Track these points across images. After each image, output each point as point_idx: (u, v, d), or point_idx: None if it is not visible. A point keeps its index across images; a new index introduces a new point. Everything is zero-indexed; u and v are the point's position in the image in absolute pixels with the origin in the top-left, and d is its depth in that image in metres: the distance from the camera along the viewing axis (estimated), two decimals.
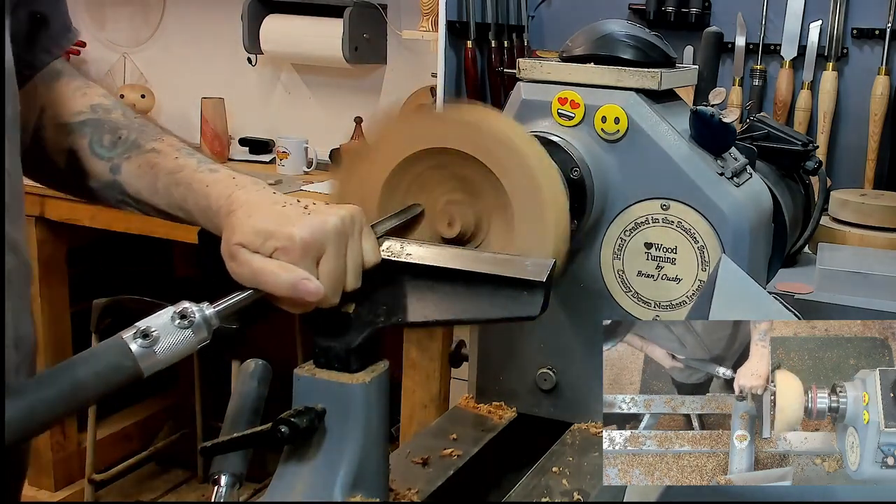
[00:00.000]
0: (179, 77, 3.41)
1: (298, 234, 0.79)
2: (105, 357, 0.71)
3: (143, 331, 0.72)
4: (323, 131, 3.16)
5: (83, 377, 0.69)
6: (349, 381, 0.81)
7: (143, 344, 0.71)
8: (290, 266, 0.79)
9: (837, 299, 1.48)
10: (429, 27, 2.80)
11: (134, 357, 0.71)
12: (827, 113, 2.46)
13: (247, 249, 0.80)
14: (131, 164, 0.92)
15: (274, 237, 0.79)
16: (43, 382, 0.69)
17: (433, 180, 0.97)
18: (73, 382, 0.69)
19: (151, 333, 0.72)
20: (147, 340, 0.71)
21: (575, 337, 1.14)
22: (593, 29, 1.14)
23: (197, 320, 0.74)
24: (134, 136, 0.93)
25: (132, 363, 0.71)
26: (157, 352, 0.72)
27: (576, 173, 1.05)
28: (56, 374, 0.70)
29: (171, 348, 0.73)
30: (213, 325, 0.76)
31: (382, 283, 0.85)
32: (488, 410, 1.18)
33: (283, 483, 0.82)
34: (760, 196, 1.16)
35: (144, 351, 0.71)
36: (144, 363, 0.71)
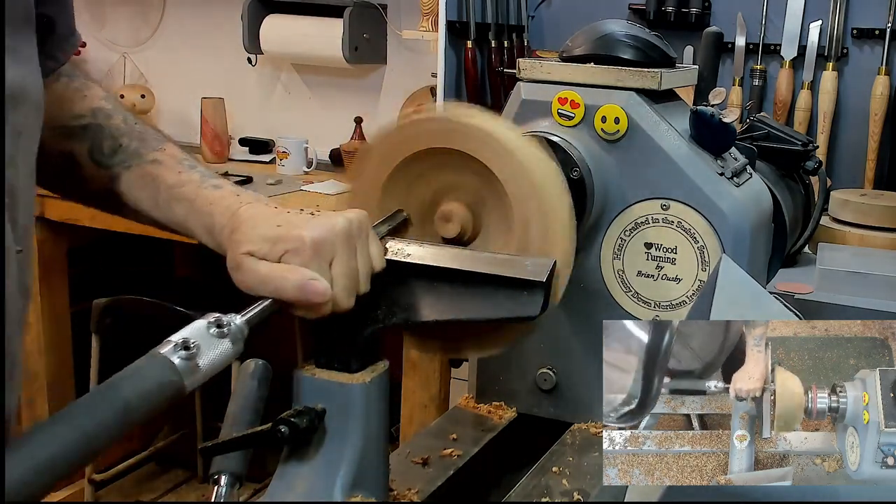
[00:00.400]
0: (179, 77, 3.41)
1: (308, 235, 0.78)
2: (150, 375, 0.68)
3: (183, 344, 0.69)
4: (323, 131, 3.16)
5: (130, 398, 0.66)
6: (349, 381, 0.81)
7: (184, 356, 0.69)
8: (296, 268, 0.78)
9: (837, 299, 1.48)
10: (429, 27, 2.80)
11: (179, 372, 0.68)
12: (827, 113, 2.46)
13: (253, 258, 0.79)
14: (132, 175, 0.90)
15: (283, 241, 0.78)
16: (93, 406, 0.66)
17: (433, 180, 0.97)
18: (124, 405, 0.66)
19: (192, 346, 0.69)
20: (189, 353, 0.69)
21: (575, 337, 1.14)
22: (593, 29, 1.14)
23: (234, 330, 0.73)
24: (135, 144, 0.92)
25: (178, 378, 0.68)
26: (200, 365, 0.70)
27: (576, 173, 1.05)
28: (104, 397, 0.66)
29: (212, 360, 0.71)
30: (245, 335, 0.74)
31: (382, 284, 0.85)
32: (488, 410, 1.18)
33: (283, 483, 0.82)
34: (760, 196, 1.17)
35: (187, 364, 0.69)
36: (188, 378, 0.69)
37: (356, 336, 0.83)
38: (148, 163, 0.91)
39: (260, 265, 0.78)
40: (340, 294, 0.79)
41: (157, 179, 0.89)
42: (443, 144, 0.94)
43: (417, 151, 0.95)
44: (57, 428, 0.63)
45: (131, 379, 0.67)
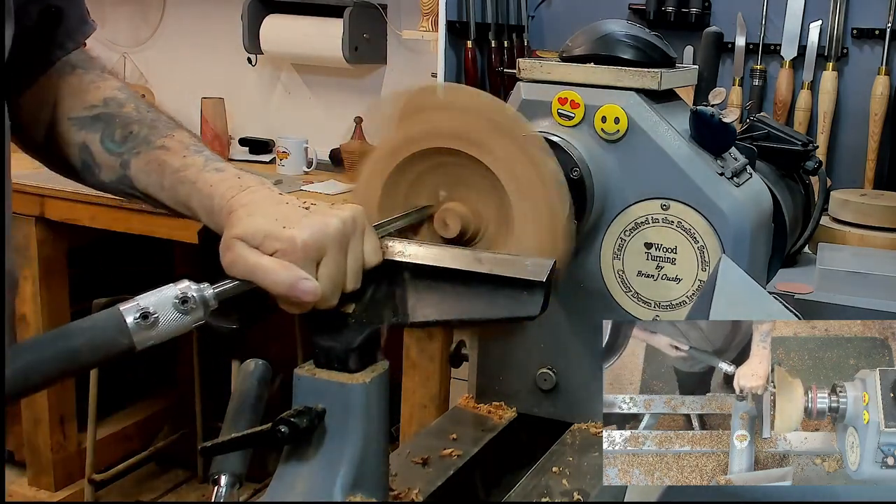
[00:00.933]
0: (179, 77, 3.41)
1: (300, 237, 0.78)
2: (102, 330, 0.72)
3: (143, 313, 0.72)
4: (323, 131, 3.16)
5: (78, 346, 0.70)
6: (349, 381, 0.81)
7: (141, 324, 0.72)
8: (289, 265, 0.78)
9: (837, 299, 1.48)
10: (429, 27, 2.80)
11: (130, 335, 0.72)
12: (827, 113, 2.46)
13: (245, 244, 0.79)
14: (140, 161, 0.92)
15: (275, 238, 0.79)
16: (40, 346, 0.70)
17: (433, 180, 0.97)
18: (69, 350, 0.70)
19: (150, 315, 0.72)
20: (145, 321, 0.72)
21: (575, 337, 1.14)
22: (593, 29, 1.14)
23: (196, 301, 0.75)
24: (145, 131, 0.94)
25: (128, 340, 0.72)
26: (153, 332, 0.73)
27: (576, 173, 1.05)
28: (53, 340, 0.71)
29: (167, 328, 0.73)
30: (212, 306, 0.76)
31: (383, 283, 0.85)
32: (488, 410, 1.18)
33: (283, 483, 0.82)
34: (760, 196, 1.17)
35: (140, 327, 0.72)
36: (138, 337, 0.72)
37: (356, 336, 0.83)
38: (156, 148, 0.92)
39: (250, 253, 0.79)
40: (322, 294, 0.80)
41: (164, 164, 0.91)
42: (443, 145, 0.94)
43: (417, 151, 0.95)
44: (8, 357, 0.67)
45: (84, 330, 0.71)
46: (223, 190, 0.86)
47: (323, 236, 0.79)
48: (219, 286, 0.77)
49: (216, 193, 0.86)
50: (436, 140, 0.95)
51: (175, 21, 3.45)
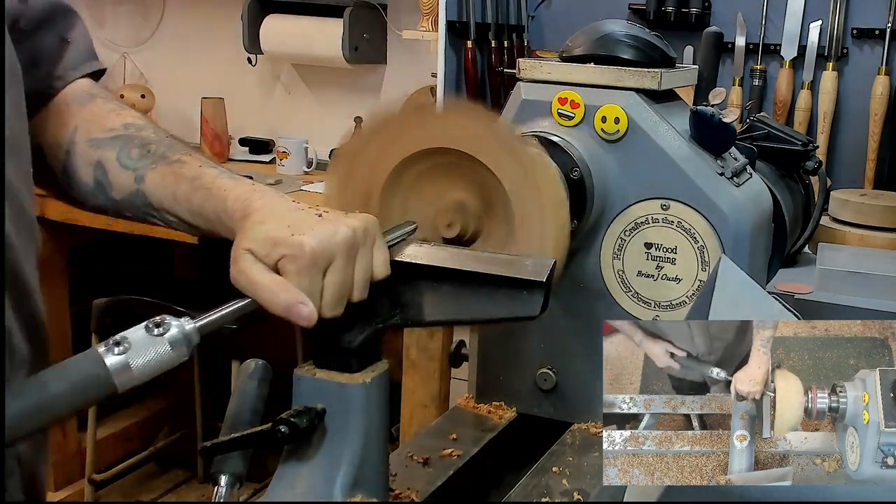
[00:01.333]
0: (179, 77, 3.41)
1: (308, 244, 0.78)
2: (78, 370, 0.69)
3: (115, 341, 0.70)
4: (323, 131, 3.16)
5: (55, 391, 0.67)
6: (349, 381, 0.81)
7: (118, 353, 0.69)
8: (289, 286, 0.77)
9: (837, 299, 1.48)
10: (429, 27, 2.80)
11: (108, 370, 0.69)
12: (827, 113, 2.46)
13: (252, 256, 0.79)
14: (156, 174, 0.93)
15: (283, 244, 0.78)
16: (11, 396, 0.67)
17: (433, 180, 0.97)
18: (44, 396, 0.67)
19: (124, 343, 0.70)
20: (120, 349, 0.69)
21: (575, 337, 1.14)
22: (593, 29, 1.14)
23: (173, 332, 0.72)
24: (162, 150, 0.94)
25: (106, 374, 0.69)
26: (132, 366, 0.70)
27: (576, 173, 1.05)
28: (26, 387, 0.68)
29: (147, 362, 0.71)
30: (194, 342, 0.74)
31: (383, 283, 0.85)
32: (488, 410, 1.18)
33: (283, 483, 0.82)
34: (760, 196, 1.17)
35: (119, 364, 0.69)
36: (119, 377, 0.69)
37: (356, 336, 0.83)
38: (172, 163, 0.93)
39: (254, 269, 0.78)
40: (328, 303, 0.79)
41: (179, 175, 0.91)
42: (443, 145, 0.94)
43: (417, 152, 0.95)
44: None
45: (60, 371, 0.69)
46: (238, 193, 0.86)
47: (332, 245, 0.78)
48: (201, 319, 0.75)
49: (230, 196, 0.86)
50: (435, 140, 0.95)
51: (175, 21, 3.45)
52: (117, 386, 0.70)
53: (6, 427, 0.66)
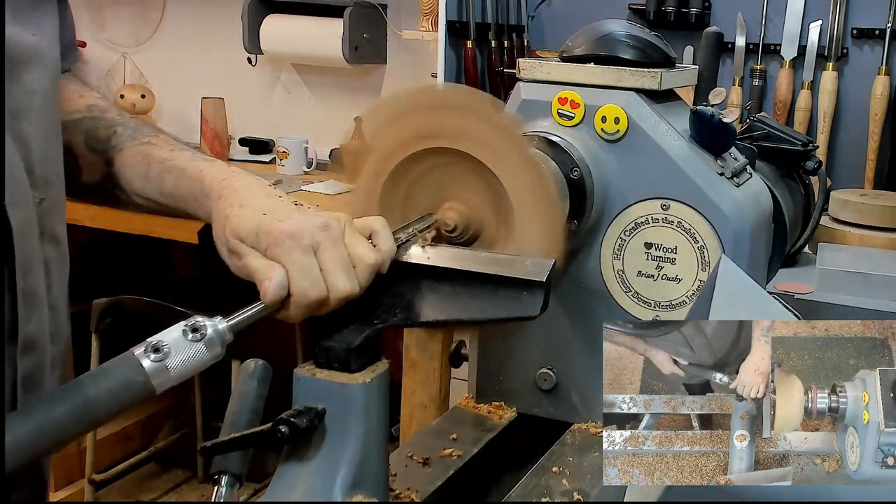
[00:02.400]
0: (179, 77, 3.41)
1: (285, 228, 0.80)
2: (116, 374, 0.70)
3: (154, 346, 0.71)
4: (323, 131, 3.16)
5: (94, 395, 0.68)
6: (349, 381, 0.81)
7: (155, 359, 0.70)
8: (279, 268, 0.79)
9: (837, 299, 1.48)
10: (429, 27, 2.80)
11: (146, 373, 0.70)
12: (827, 113, 2.46)
13: (245, 245, 0.81)
14: (125, 156, 0.93)
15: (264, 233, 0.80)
16: (53, 401, 0.67)
17: (433, 180, 0.97)
18: (84, 401, 0.68)
19: (163, 349, 0.71)
20: (158, 355, 0.70)
21: (575, 337, 1.14)
22: (593, 29, 1.14)
23: (209, 335, 0.73)
24: (129, 132, 0.95)
25: (144, 379, 0.70)
26: (169, 368, 0.71)
27: (576, 173, 1.05)
28: (66, 393, 0.68)
29: (184, 364, 0.72)
30: (228, 340, 0.75)
31: (382, 284, 0.85)
32: (488, 410, 1.18)
33: (283, 483, 0.82)
34: (760, 196, 1.16)
35: (156, 367, 0.70)
36: (157, 380, 0.71)
37: (356, 336, 0.83)
38: (141, 144, 0.93)
39: (250, 254, 0.80)
40: (336, 279, 0.80)
41: (150, 156, 0.92)
42: (443, 144, 0.94)
43: (417, 151, 0.95)
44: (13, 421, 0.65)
45: (98, 377, 0.69)
46: (214, 173, 0.88)
47: (309, 225, 0.80)
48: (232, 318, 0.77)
49: (206, 177, 0.87)
50: (435, 140, 0.95)
51: (175, 21, 3.45)
52: (155, 388, 0.71)
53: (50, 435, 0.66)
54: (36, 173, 0.82)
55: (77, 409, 0.67)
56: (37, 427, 0.65)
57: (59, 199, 0.86)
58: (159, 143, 0.94)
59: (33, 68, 0.82)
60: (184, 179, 0.89)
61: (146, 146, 0.93)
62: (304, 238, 0.79)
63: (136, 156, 0.93)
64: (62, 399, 0.67)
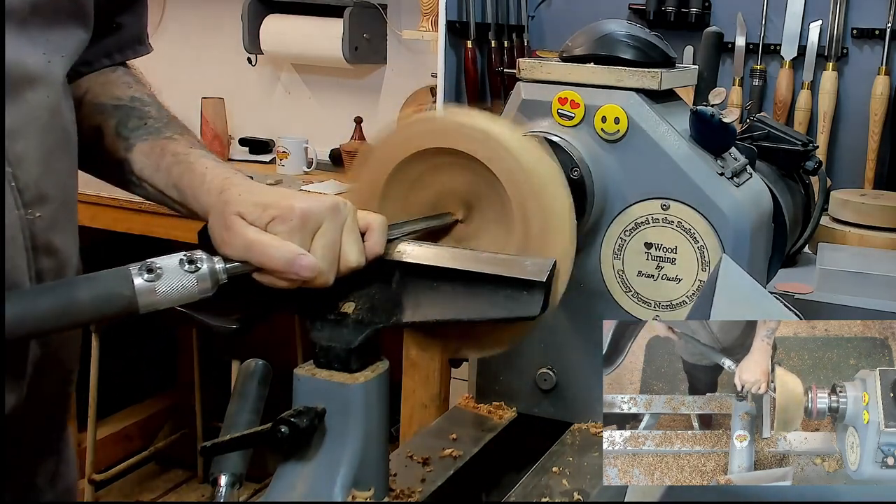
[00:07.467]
0: (179, 77, 3.41)
1: (298, 205, 0.81)
2: (106, 284, 0.71)
3: (148, 266, 0.72)
4: (323, 131, 3.16)
5: (80, 298, 0.69)
6: (349, 381, 0.81)
7: (147, 279, 0.71)
8: (284, 241, 0.80)
9: (837, 299, 1.48)
10: (429, 27, 2.80)
11: (134, 290, 0.71)
12: (827, 113, 2.46)
13: (244, 220, 0.81)
14: (145, 145, 0.95)
15: (273, 207, 0.81)
16: (40, 294, 0.69)
17: (433, 180, 0.97)
18: (68, 300, 0.69)
19: (156, 270, 0.72)
20: (151, 276, 0.72)
21: (575, 337, 1.14)
22: (593, 29, 1.14)
23: (203, 269, 0.75)
24: (159, 126, 0.97)
25: (131, 294, 0.71)
26: (157, 290, 0.72)
27: (576, 173, 1.05)
28: (55, 289, 0.70)
29: (172, 290, 0.73)
30: (221, 280, 0.77)
31: (382, 283, 0.85)
32: (488, 410, 1.18)
33: (283, 483, 0.82)
34: (760, 196, 1.17)
35: (146, 286, 0.72)
36: (143, 299, 0.72)
37: (356, 336, 0.83)
38: (164, 137, 0.96)
39: (249, 230, 0.81)
40: (322, 265, 0.81)
41: (166, 149, 0.94)
42: (443, 144, 0.94)
43: (417, 152, 0.95)
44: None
45: (89, 282, 0.71)
46: (218, 171, 0.89)
47: (320, 208, 0.81)
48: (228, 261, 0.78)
49: (210, 174, 0.89)
50: (435, 140, 0.95)
51: (175, 21, 3.45)
52: (139, 308, 0.72)
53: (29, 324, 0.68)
54: (31, 191, 0.81)
55: (59, 307, 0.69)
56: (18, 313, 0.67)
57: (60, 214, 0.86)
58: (181, 140, 0.95)
59: (39, 88, 0.82)
60: (188, 173, 0.90)
61: (167, 140, 0.95)
62: (309, 220, 0.81)
63: (154, 147, 0.95)
64: (49, 293, 0.69)
